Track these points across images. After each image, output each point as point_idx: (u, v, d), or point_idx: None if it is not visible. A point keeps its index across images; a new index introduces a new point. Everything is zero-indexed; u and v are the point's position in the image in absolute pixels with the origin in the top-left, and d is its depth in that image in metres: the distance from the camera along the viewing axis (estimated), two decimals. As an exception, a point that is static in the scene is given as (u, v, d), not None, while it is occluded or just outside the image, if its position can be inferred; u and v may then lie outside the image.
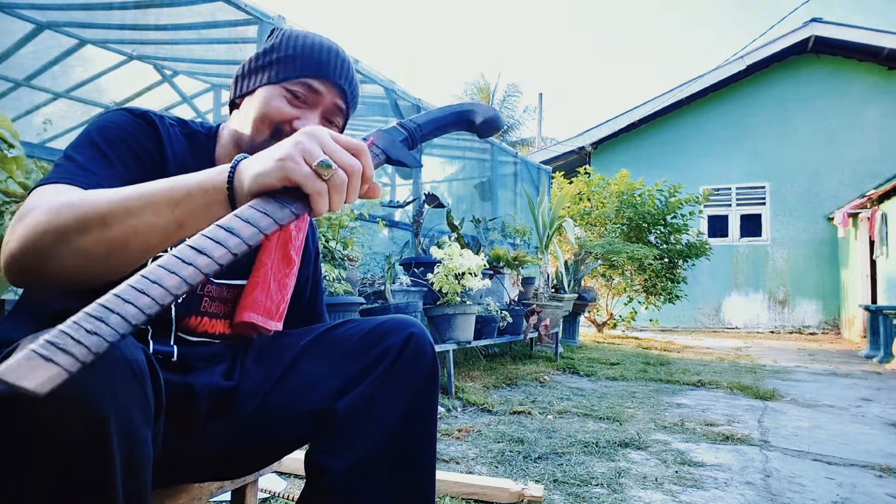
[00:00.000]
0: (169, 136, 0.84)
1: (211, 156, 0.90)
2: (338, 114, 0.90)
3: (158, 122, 0.83)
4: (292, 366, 0.85)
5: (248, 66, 0.90)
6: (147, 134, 0.81)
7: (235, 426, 0.83)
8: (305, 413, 0.81)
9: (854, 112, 9.98)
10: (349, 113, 0.93)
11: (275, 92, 0.85)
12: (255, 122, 0.85)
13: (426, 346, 0.84)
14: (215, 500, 1.58)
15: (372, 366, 0.81)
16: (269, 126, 0.85)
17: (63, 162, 0.73)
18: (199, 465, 0.84)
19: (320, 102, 0.87)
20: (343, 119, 0.92)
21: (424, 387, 0.83)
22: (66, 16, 3.94)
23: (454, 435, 2.47)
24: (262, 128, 0.85)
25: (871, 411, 3.28)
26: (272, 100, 0.85)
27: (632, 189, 7.88)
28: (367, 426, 0.79)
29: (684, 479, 1.96)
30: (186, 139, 0.88)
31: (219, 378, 0.86)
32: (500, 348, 5.27)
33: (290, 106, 0.85)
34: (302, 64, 0.86)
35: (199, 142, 0.89)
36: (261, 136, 0.85)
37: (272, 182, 0.58)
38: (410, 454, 0.81)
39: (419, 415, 0.82)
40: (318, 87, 0.86)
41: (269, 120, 0.85)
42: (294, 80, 0.85)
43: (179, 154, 0.85)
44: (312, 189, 0.58)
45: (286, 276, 0.96)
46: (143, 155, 0.79)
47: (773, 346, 7.75)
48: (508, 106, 22.42)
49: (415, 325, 0.86)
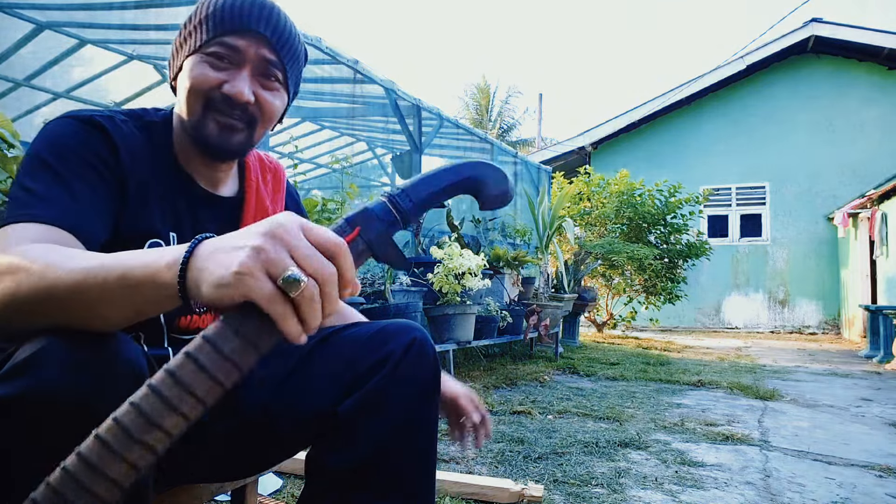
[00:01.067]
0: (123, 136, 0.79)
1: (169, 145, 0.86)
2: (271, 68, 0.83)
3: (108, 125, 0.77)
4: (295, 369, 0.84)
5: (174, 45, 0.85)
6: (99, 140, 0.76)
7: (237, 427, 0.82)
8: (307, 416, 0.80)
9: (854, 112, 9.98)
10: (290, 65, 0.86)
11: (196, 60, 0.80)
12: (186, 100, 0.81)
13: (428, 351, 0.83)
14: (215, 500, 1.58)
15: (374, 370, 0.80)
16: (199, 98, 0.80)
17: (19, 194, 0.67)
18: (200, 466, 0.84)
19: (244, 59, 0.80)
20: (283, 72, 0.85)
21: (426, 391, 0.82)
22: (66, 16, 3.94)
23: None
24: (193, 103, 0.80)
25: (871, 411, 3.28)
26: (194, 69, 0.80)
27: (632, 189, 7.88)
28: (368, 429, 0.78)
29: (684, 479, 1.96)
30: (143, 132, 0.83)
31: None
32: (500, 348, 5.27)
33: (213, 70, 0.80)
34: (215, 23, 0.79)
35: (157, 132, 0.85)
36: (194, 112, 0.81)
37: (231, 297, 0.47)
38: (411, 458, 0.81)
39: (420, 419, 0.82)
40: (237, 43, 0.79)
41: (195, 92, 0.80)
42: (210, 42, 0.79)
43: (137, 153, 0.80)
44: (276, 313, 0.47)
45: None
46: (99, 165, 0.74)
47: (773, 346, 7.75)
48: (509, 106, 22.43)
49: (417, 329, 0.85)
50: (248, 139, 0.84)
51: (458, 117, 6.68)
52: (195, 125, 0.81)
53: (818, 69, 10.32)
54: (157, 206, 0.82)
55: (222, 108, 0.80)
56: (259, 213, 0.94)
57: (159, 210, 0.82)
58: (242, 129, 0.82)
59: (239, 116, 0.81)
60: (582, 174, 8.55)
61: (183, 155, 0.86)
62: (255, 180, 0.97)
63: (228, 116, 0.80)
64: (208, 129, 0.81)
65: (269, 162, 1.02)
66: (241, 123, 0.82)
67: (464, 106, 22.30)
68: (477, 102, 22.16)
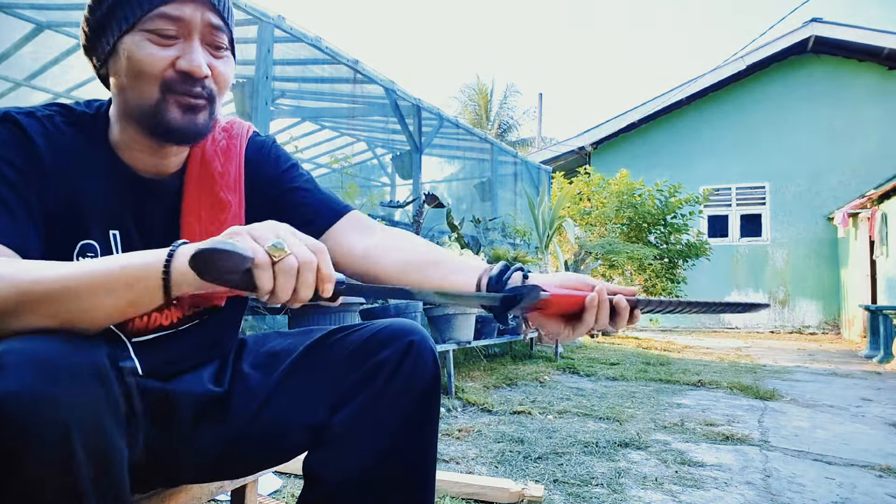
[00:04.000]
0: (44, 131, 0.72)
1: (104, 138, 0.78)
2: (217, 34, 0.75)
3: (23, 120, 0.71)
4: (289, 374, 0.81)
5: (89, 26, 0.75)
6: (15, 141, 0.70)
7: (230, 433, 0.80)
8: (301, 425, 0.78)
9: (854, 112, 9.98)
10: (232, 25, 0.79)
11: (135, 39, 0.71)
12: (136, 87, 0.72)
13: (426, 355, 0.78)
14: (215, 500, 1.58)
15: (369, 377, 0.77)
16: (153, 82, 0.72)
17: None
18: (196, 470, 0.83)
19: (191, 28, 0.72)
20: (228, 35, 0.78)
21: (425, 397, 0.78)
22: (66, 16, 3.94)
23: (454, 435, 2.47)
24: (147, 88, 0.72)
25: (871, 411, 3.28)
26: (137, 50, 0.71)
27: (632, 189, 7.88)
28: (363, 441, 0.76)
29: (684, 479, 1.96)
30: (73, 127, 0.76)
31: (207, 384, 0.83)
32: (500, 348, 5.27)
33: (161, 49, 0.71)
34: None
35: (89, 125, 0.78)
36: (149, 97, 0.72)
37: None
38: (409, 468, 0.78)
39: (419, 427, 0.78)
40: (180, 13, 0.71)
41: (147, 76, 0.71)
42: (148, 16, 0.70)
43: (62, 150, 0.73)
44: (258, 260, 0.54)
45: (221, 223, 0.83)
46: (17, 171, 0.69)
47: (773, 345, 7.75)
48: (508, 106, 22.43)
49: (416, 331, 0.80)
50: (210, 116, 0.77)
51: (457, 117, 6.68)
52: (153, 112, 0.72)
53: (818, 69, 10.32)
54: (88, 203, 0.75)
55: (181, 89, 0.72)
56: (206, 182, 0.84)
57: (91, 207, 0.75)
58: (205, 107, 0.75)
59: (199, 94, 0.74)
60: (582, 174, 8.55)
61: (123, 146, 0.78)
62: (201, 147, 0.85)
63: (189, 96, 0.73)
64: (170, 113, 0.72)
65: (226, 122, 0.91)
66: (202, 101, 0.75)
67: (462, 106, 22.30)
68: (476, 103, 22.16)
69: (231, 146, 0.88)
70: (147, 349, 0.79)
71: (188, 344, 0.85)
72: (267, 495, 1.69)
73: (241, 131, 0.91)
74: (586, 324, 0.72)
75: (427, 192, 4.45)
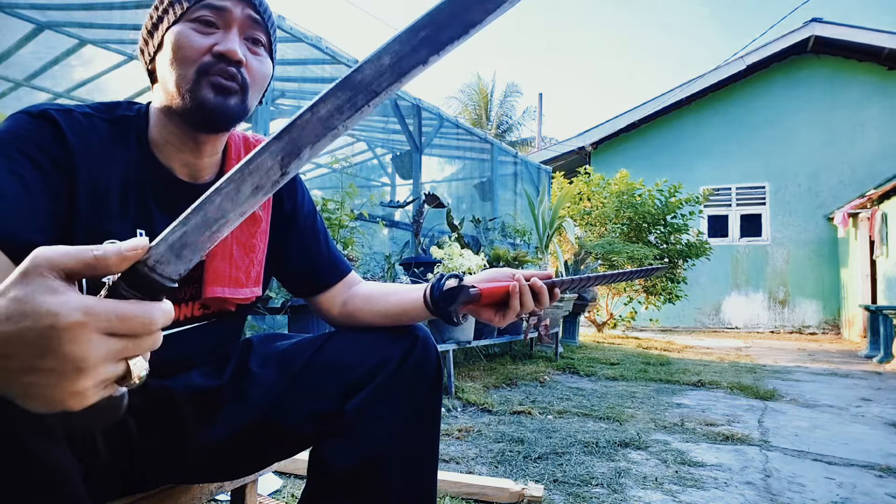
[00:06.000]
0: (81, 130, 0.74)
1: (142, 137, 0.80)
2: (257, 29, 0.80)
3: (62, 118, 0.72)
4: (301, 371, 0.85)
5: (146, 28, 0.80)
6: (46, 134, 0.71)
7: (239, 429, 0.82)
8: (312, 416, 0.81)
9: (854, 112, 9.98)
10: (272, 29, 0.83)
11: (180, 29, 0.76)
12: (175, 72, 0.75)
13: (430, 351, 0.86)
14: (215, 500, 1.58)
15: (378, 369, 0.82)
16: (190, 65, 0.75)
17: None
18: (202, 467, 0.83)
19: (231, 19, 0.77)
20: (266, 35, 0.82)
21: (429, 390, 0.84)
22: (66, 16, 3.94)
23: (454, 435, 2.47)
24: (184, 71, 0.75)
25: (871, 411, 3.28)
26: (180, 39, 0.75)
27: (632, 189, 7.88)
28: (372, 428, 0.80)
29: (684, 479, 1.96)
30: (112, 126, 0.78)
31: (202, 379, 0.85)
32: (500, 348, 5.27)
33: (201, 36, 0.76)
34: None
35: (129, 126, 0.80)
36: (187, 80, 0.75)
37: None
38: (413, 456, 0.82)
39: (423, 418, 0.83)
40: (223, 3, 0.77)
41: (186, 59, 0.75)
42: (193, 8, 0.76)
43: (98, 147, 0.75)
44: None
45: (251, 236, 0.88)
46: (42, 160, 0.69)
47: (773, 345, 7.75)
48: (507, 105, 22.42)
49: (419, 328, 0.88)
50: (242, 103, 0.79)
51: (457, 117, 6.68)
52: (189, 92, 0.75)
53: (818, 69, 10.32)
54: (119, 202, 0.76)
55: (217, 70, 0.75)
56: None
57: (122, 206, 0.76)
58: (238, 92, 0.77)
59: (233, 75, 0.76)
60: (582, 174, 8.55)
61: (160, 144, 0.80)
62: (237, 158, 0.90)
63: (222, 76, 0.76)
64: (204, 92, 0.75)
65: (255, 139, 0.95)
66: (235, 84, 0.77)
67: (462, 106, 22.30)
68: (476, 102, 22.15)
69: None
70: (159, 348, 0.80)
71: (192, 345, 0.86)
72: (267, 495, 1.69)
73: None
74: (513, 309, 0.83)
75: (427, 192, 4.45)
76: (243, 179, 0.39)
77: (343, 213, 3.02)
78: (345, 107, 0.40)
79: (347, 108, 0.39)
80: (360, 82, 0.39)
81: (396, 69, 0.39)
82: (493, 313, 0.85)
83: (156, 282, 0.39)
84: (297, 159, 0.40)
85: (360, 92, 0.39)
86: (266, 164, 0.39)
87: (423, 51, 0.39)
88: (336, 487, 0.79)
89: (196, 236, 0.39)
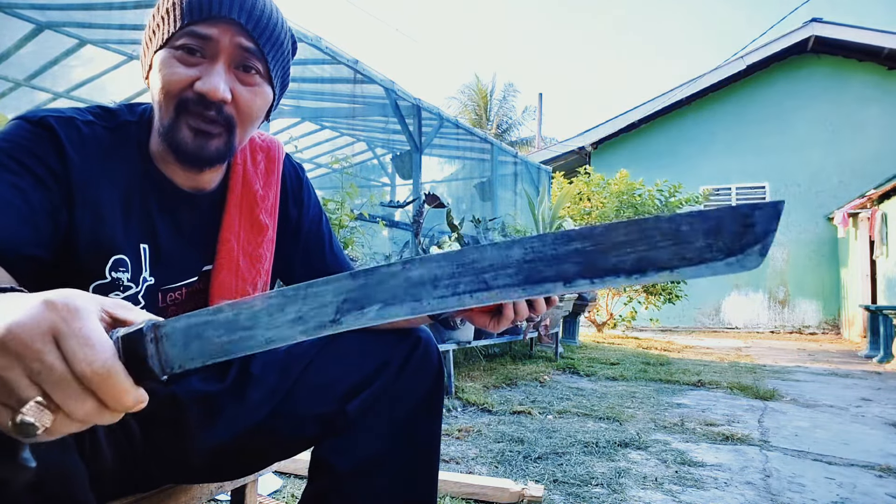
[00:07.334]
0: (80, 139, 0.70)
1: (144, 147, 0.77)
2: (249, 58, 0.72)
3: (60, 129, 0.69)
4: (303, 373, 0.84)
5: (144, 39, 0.75)
6: (43, 143, 0.67)
7: (242, 430, 0.82)
8: (314, 417, 0.81)
9: (854, 112, 9.98)
10: (272, 54, 0.74)
11: (165, 56, 0.70)
12: (157, 101, 0.71)
13: (432, 351, 0.86)
14: (215, 500, 1.58)
15: (380, 371, 0.82)
16: (170, 100, 0.70)
17: None
18: (204, 469, 0.83)
19: (218, 49, 0.70)
20: (263, 63, 0.74)
21: (430, 390, 0.84)
22: (66, 16, 3.94)
23: (454, 435, 2.47)
24: (165, 105, 0.70)
25: (871, 411, 3.28)
26: (163, 67, 0.69)
27: (632, 189, 7.88)
28: (374, 427, 0.80)
29: (684, 479, 1.96)
30: (114, 133, 0.75)
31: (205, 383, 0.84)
32: (500, 348, 5.27)
33: (184, 66, 0.69)
34: (182, 11, 0.69)
35: (130, 133, 0.76)
36: (167, 115, 0.71)
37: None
38: (414, 456, 0.82)
39: (425, 418, 0.84)
40: (208, 32, 0.69)
41: (166, 93, 0.70)
42: (179, 34, 0.69)
43: (97, 157, 0.71)
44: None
45: (258, 245, 0.85)
46: (37, 169, 0.66)
47: (773, 345, 7.75)
48: (507, 105, 22.42)
49: (421, 330, 0.88)
50: (226, 145, 0.73)
51: (457, 117, 6.68)
52: (168, 131, 0.71)
53: (818, 69, 10.32)
54: (121, 215, 0.73)
55: (196, 111, 0.70)
56: (246, 203, 0.84)
57: (124, 220, 0.74)
58: (219, 134, 0.72)
59: (214, 118, 0.71)
60: (582, 174, 8.55)
61: (161, 156, 0.77)
62: (243, 164, 0.86)
63: (203, 120, 0.70)
64: (182, 135, 0.70)
65: (262, 140, 0.90)
66: (217, 128, 0.71)
67: (462, 106, 22.30)
68: (475, 102, 22.15)
69: (270, 169, 0.89)
70: None
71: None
72: (267, 495, 1.69)
73: (277, 154, 0.91)
74: (507, 317, 0.78)
75: (427, 192, 4.45)
76: (295, 300, 0.34)
77: (343, 213, 3.02)
78: (442, 281, 0.32)
79: (444, 284, 0.32)
80: (472, 263, 0.32)
81: (525, 271, 0.30)
82: (488, 319, 0.82)
83: (150, 368, 0.36)
84: (358, 312, 0.34)
85: (468, 274, 0.32)
86: (324, 298, 0.34)
87: (568, 265, 0.30)
88: (337, 488, 0.79)
89: (214, 334, 0.35)
